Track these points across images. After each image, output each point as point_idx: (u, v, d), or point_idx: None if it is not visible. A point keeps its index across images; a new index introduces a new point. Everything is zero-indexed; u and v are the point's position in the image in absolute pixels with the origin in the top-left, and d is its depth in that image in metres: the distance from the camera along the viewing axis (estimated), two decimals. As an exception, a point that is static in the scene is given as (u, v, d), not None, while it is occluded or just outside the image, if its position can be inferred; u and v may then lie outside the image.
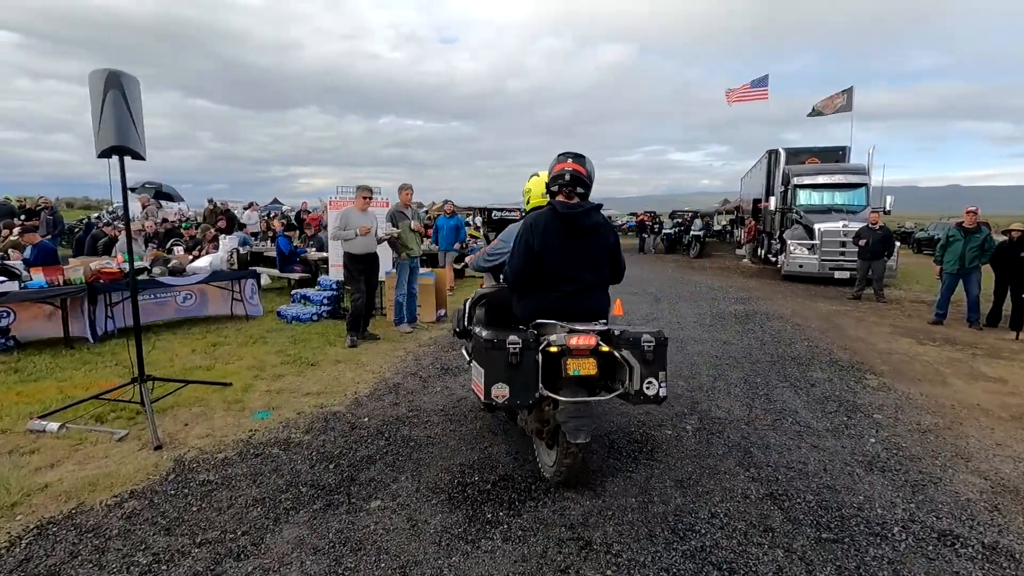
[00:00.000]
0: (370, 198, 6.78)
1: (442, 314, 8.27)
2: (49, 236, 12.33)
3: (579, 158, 3.22)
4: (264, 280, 10.87)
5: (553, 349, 2.97)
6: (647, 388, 3.00)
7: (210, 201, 17.71)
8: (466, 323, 3.92)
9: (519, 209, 52.95)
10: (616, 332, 3.07)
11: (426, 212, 41.60)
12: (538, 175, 3.70)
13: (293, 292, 8.42)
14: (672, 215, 39.95)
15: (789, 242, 14.36)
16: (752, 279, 14.64)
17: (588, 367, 2.97)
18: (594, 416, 3.19)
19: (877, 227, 11.28)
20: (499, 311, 3.54)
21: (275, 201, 41.46)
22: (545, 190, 3.35)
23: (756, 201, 22.05)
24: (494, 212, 50.11)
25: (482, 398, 2.95)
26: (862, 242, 11.17)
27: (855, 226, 13.67)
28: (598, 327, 3.08)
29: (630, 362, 3.01)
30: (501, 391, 2.91)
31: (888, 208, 15.54)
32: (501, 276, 3.78)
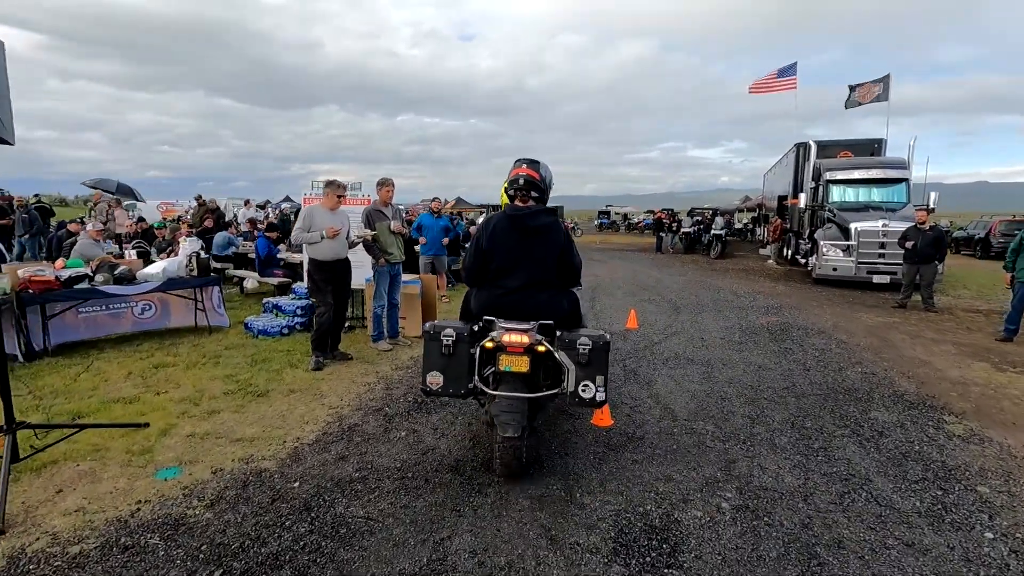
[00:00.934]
0: (343, 196, 5.73)
1: (430, 327, 7.19)
2: (26, 236, 11.57)
3: (533, 164, 3.34)
4: (250, 284, 9.94)
5: (489, 344, 3.09)
6: (583, 391, 2.98)
7: (198, 198, 16.48)
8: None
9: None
10: (559, 333, 3.09)
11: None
12: None
13: (265, 301, 7.43)
14: (691, 213, 38.55)
15: (821, 243, 13.03)
16: (780, 283, 13.34)
17: (520, 364, 3.04)
18: (525, 412, 3.09)
19: (927, 227, 9.95)
20: (467, 305, 3.60)
21: (287, 199, 40.89)
22: (506, 190, 3.39)
23: (782, 198, 20.65)
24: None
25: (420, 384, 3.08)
26: (909, 244, 9.84)
27: (896, 225, 12.33)
28: (529, 325, 3.10)
29: (566, 363, 3.01)
30: (435, 379, 3.08)
31: (932, 205, 14.13)
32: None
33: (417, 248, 9.06)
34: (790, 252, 18.50)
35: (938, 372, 5.69)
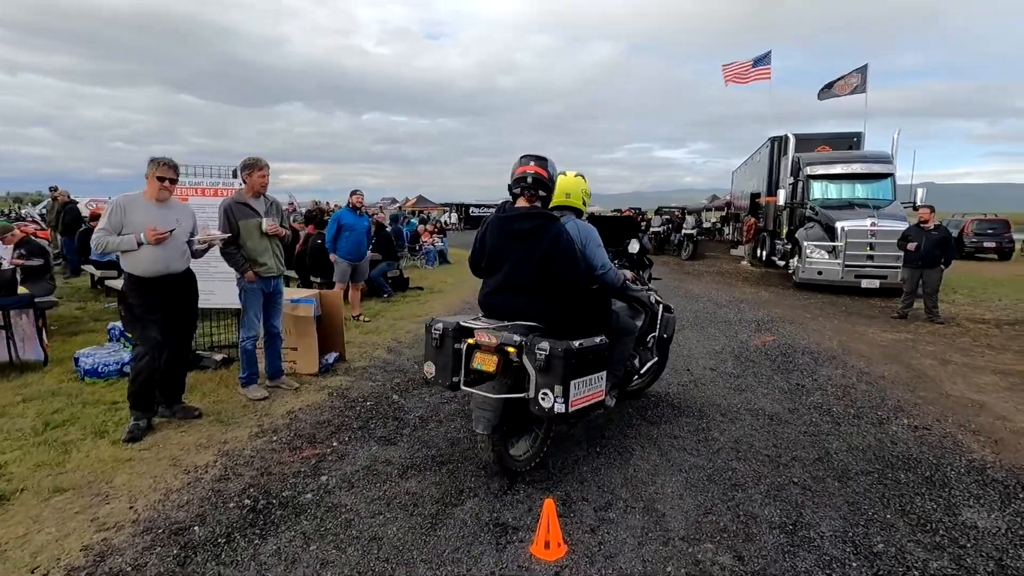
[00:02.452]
0: (175, 180, 3.86)
1: (331, 361, 5.35)
2: None
3: (541, 161, 3.13)
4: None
5: (471, 341, 3.02)
6: (541, 399, 2.77)
7: (52, 190, 12.81)
8: None
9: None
10: (517, 338, 2.88)
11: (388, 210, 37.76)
12: (564, 174, 3.48)
13: (110, 327, 5.48)
14: (659, 211, 37.35)
15: (805, 244, 11.68)
16: (761, 288, 11.93)
17: (488, 363, 2.94)
18: (497, 411, 2.92)
19: (931, 227, 8.61)
20: None
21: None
22: (510, 187, 3.19)
23: (754, 196, 19.44)
24: (472, 208, 47.34)
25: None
26: (912, 246, 8.49)
27: (885, 224, 11.07)
28: (502, 325, 2.99)
29: (527, 368, 2.83)
30: (429, 368, 3.11)
31: (919, 203, 12.98)
32: None
33: (333, 256, 7.20)
34: (765, 253, 17.29)
35: (1007, 423, 4.18)
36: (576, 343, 2.78)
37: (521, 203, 3.10)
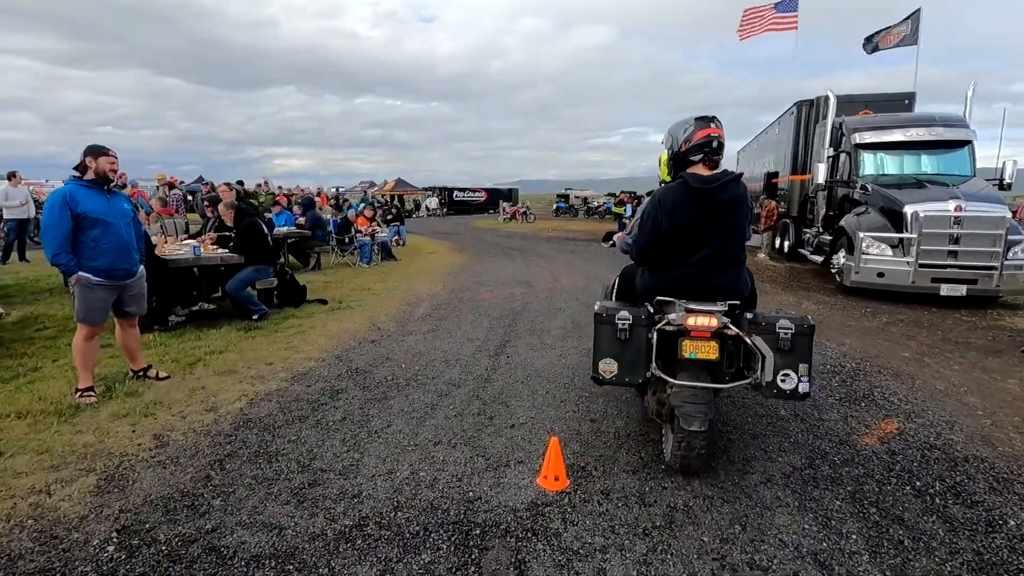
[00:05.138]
0: None
1: None
2: None
3: (718, 122, 2.88)
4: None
5: (669, 328, 2.76)
6: (782, 381, 2.62)
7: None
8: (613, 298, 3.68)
9: (484, 189, 46.22)
10: (748, 315, 2.72)
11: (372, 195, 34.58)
12: None
13: None
14: (650, 194, 34.03)
15: (861, 235, 8.45)
16: (799, 294, 8.73)
17: (707, 351, 2.72)
18: (712, 403, 2.69)
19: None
20: (627, 286, 3.39)
21: (200, 179, 34.33)
22: (677, 155, 2.91)
23: (770, 176, 16.16)
24: (455, 193, 43.83)
25: (591, 372, 2.81)
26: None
27: (977, 209, 7.87)
28: (717, 307, 2.71)
29: (761, 350, 2.65)
30: (609, 367, 2.78)
31: (1010, 179, 9.75)
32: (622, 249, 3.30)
33: (74, 278, 3.91)
34: (788, 244, 14.10)
35: None
36: (809, 316, 2.69)
37: (701, 170, 2.82)
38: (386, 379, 4.39)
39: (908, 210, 8.14)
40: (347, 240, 10.71)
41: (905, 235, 8.11)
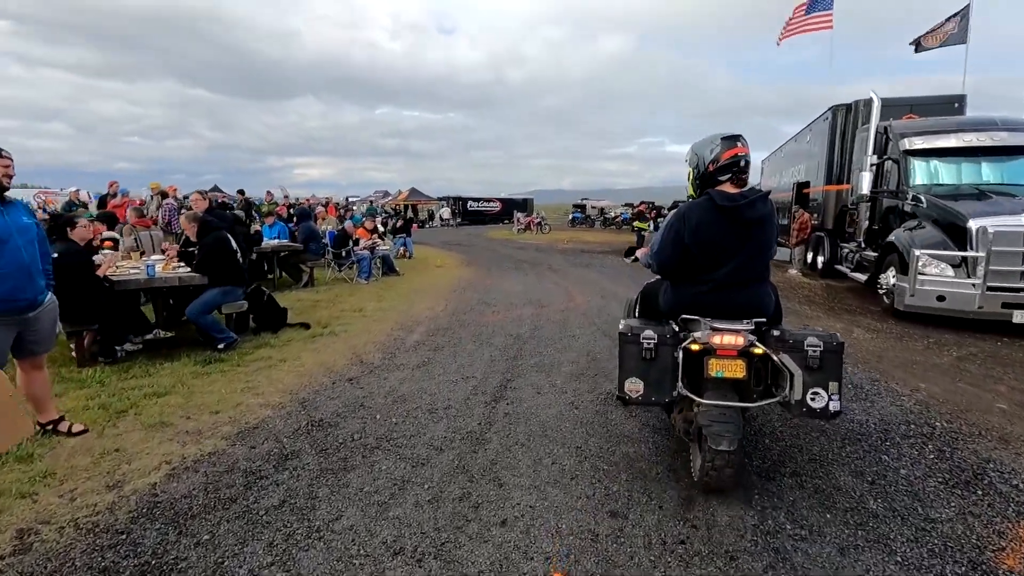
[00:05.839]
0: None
1: None
2: None
3: (744, 140, 2.86)
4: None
5: (695, 347, 2.69)
6: (811, 400, 2.56)
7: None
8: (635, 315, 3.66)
9: (498, 199, 45.59)
10: (775, 332, 2.70)
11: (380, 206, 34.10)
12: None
13: None
14: (674, 207, 33.05)
15: (916, 253, 7.37)
16: (844, 318, 7.67)
17: (734, 369, 2.66)
18: (740, 423, 2.62)
19: None
20: (651, 303, 3.29)
21: (215, 188, 33.96)
22: (704, 175, 2.86)
23: (800, 186, 15.08)
24: (470, 203, 43.18)
25: (616, 391, 2.76)
26: None
27: (1055, 223, 6.80)
28: (743, 325, 2.69)
29: (789, 368, 2.61)
30: (634, 386, 2.71)
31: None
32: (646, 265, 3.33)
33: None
34: (821, 259, 13.01)
35: None
36: (837, 333, 2.67)
37: (728, 188, 2.78)
38: (352, 437, 3.49)
39: (973, 225, 7.06)
40: (344, 254, 9.89)
41: (969, 253, 7.03)
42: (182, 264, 5.60)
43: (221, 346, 5.28)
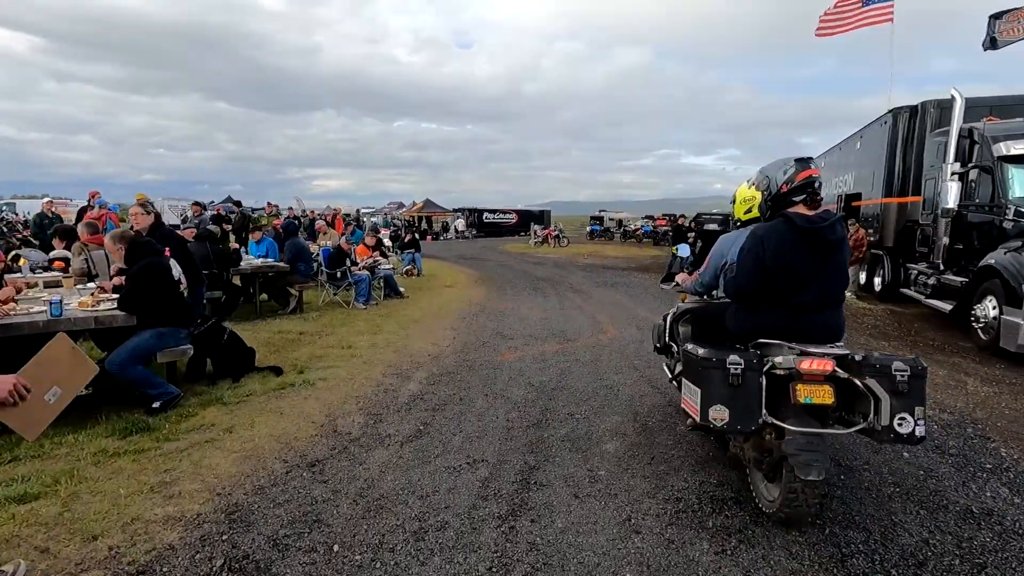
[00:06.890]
0: None
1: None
2: None
3: (816, 163, 2.87)
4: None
5: (780, 372, 2.60)
6: (899, 425, 2.45)
7: None
8: (667, 339, 3.75)
9: (515, 211, 44.28)
10: (857, 357, 2.60)
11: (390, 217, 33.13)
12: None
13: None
14: (697, 219, 31.50)
15: (1033, 282, 5.91)
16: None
17: (823, 395, 2.52)
18: (828, 451, 2.70)
19: None
20: (707, 327, 3.22)
21: (228, 199, 33.22)
22: (777, 197, 2.82)
23: (850, 198, 13.57)
24: (485, 214, 42.06)
25: (697, 420, 2.57)
26: None
27: None
28: (834, 350, 2.65)
29: (877, 393, 2.49)
30: (720, 414, 2.52)
31: None
32: (714, 291, 3.39)
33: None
34: (878, 280, 11.49)
35: None
36: (919, 357, 2.68)
37: (803, 210, 2.74)
38: (285, 599, 2.17)
39: (1110, 248, 5.59)
40: (339, 275, 8.62)
41: (1106, 283, 5.55)
42: (116, 297, 4.35)
43: (157, 404, 4.02)
